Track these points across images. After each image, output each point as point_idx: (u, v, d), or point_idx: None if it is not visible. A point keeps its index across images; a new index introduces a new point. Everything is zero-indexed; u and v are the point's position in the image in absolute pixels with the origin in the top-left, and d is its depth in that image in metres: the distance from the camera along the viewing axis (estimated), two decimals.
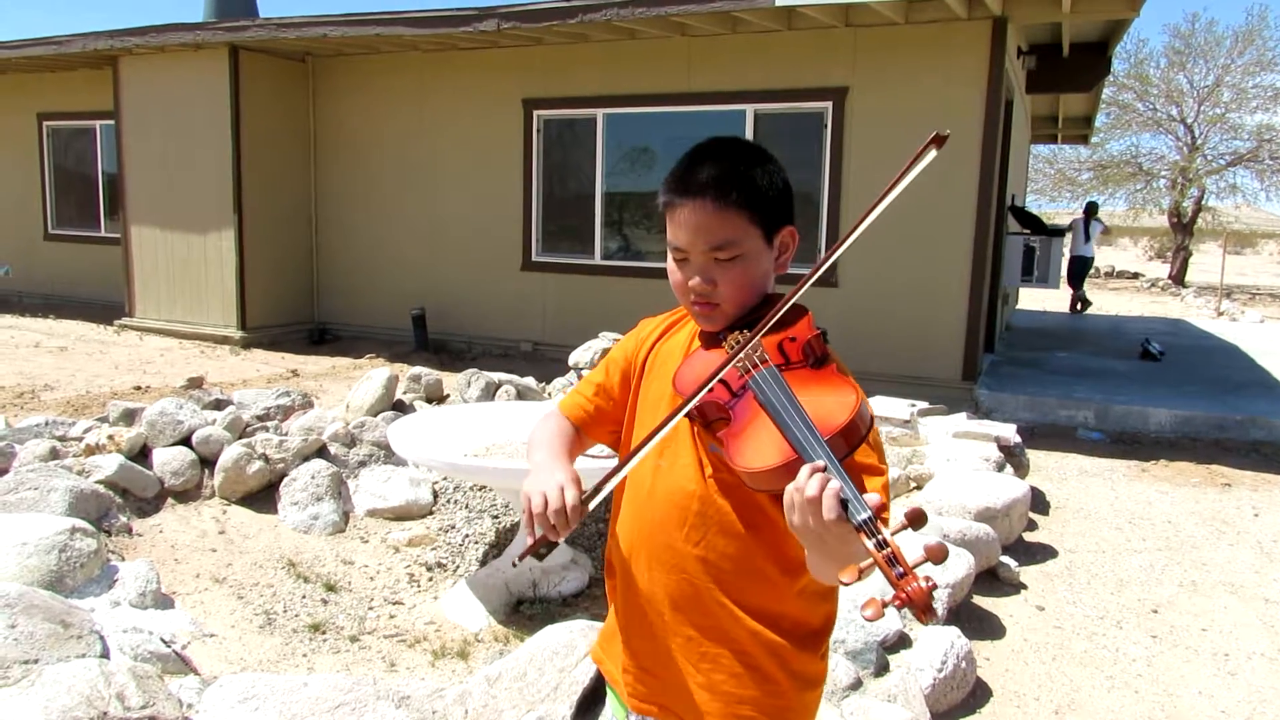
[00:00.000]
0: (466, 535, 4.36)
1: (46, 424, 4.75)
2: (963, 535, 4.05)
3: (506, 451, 3.97)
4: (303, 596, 3.79)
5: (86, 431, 4.68)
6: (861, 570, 1.06)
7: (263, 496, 4.54)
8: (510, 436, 4.10)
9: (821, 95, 7.79)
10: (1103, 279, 23.75)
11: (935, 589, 1.04)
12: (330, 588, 3.89)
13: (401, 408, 5.51)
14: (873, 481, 1.28)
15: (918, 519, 1.05)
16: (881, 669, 3.01)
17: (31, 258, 12.33)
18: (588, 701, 2.56)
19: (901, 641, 3.18)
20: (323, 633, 3.53)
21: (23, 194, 12.31)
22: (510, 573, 3.79)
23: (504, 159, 9.15)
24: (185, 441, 4.61)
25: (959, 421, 6.12)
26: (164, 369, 8.11)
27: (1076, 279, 15.32)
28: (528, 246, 9.18)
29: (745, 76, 8.04)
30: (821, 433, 1.18)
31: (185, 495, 4.46)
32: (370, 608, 3.78)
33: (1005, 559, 4.26)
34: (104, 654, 2.76)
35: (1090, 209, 15.56)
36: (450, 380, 6.21)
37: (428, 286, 9.63)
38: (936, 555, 1.05)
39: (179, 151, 9.72)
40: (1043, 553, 4.62)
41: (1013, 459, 5.53)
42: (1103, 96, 14.46)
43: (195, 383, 6.97)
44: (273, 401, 5.17)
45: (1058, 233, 10.99)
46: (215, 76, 9.35)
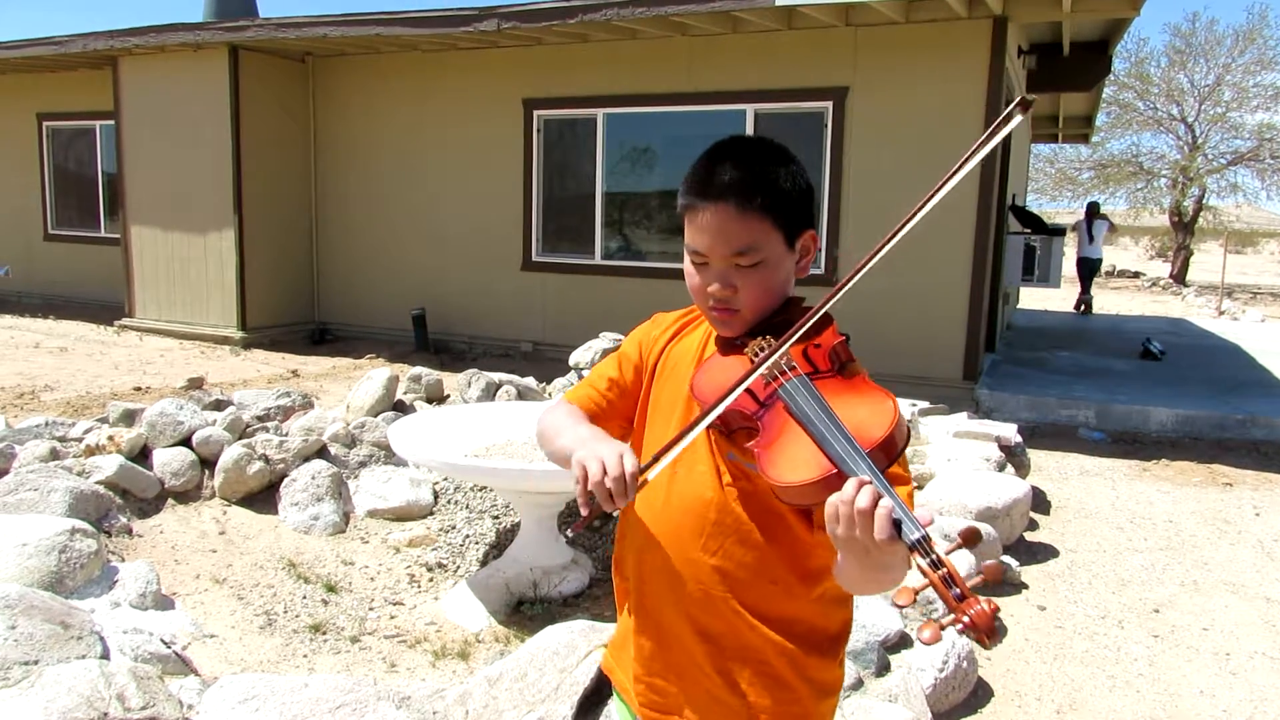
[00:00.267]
0: (467, 536, 4.36)
1: (46, 425, 4.75)
2: None
3: (507, 452, 3.96)
4: (303, 597, 3.78)
5: (86, 432, 4.68)
6: (916, 592, 1.02)
7: (263, 497, 4.54)
8: (510, 436, 4.10)
9: (822, 95, 7.79)
10: (1104, 278, 23.70)
11: (998, 611, 0.98)
12: (331, 588, 3.88)
13: (402, 408, 5.51)
14: (899, 490, 1.24)
15: (972, 538, 1.00)
16: (883, 669, 3.01)
17: (31, 258, 12.33)
18: (589, 702, 2.55)
19: (902, 641, 3.17)
20: (323, 633, 3.53)
21: (22, 194, 12.31)
22: (511, 573, 3.79)
23: (504, 159, 9.15)
24: (185, 442, 4.61)
25: (960, 421, 6.12)
26: (164, 369, 8.11)
27: (1084, 281, 15.11)
28: (528, 246, 9.18)
29: (745, 76, 8.03)
30: (861, 445, 1.12)
31: (185, 496, 4.46)
32: (371, 608, 3.78)
33: (1006, 559, 4.26)
34: (104, 655, 2.76)
35: (1091, 209, 15.32)
36: (450, 380, 6.21)
37: (428, 287, 9.63)
38: (994, 575, 1.00)
39: (179, 152, 9.72)
40: (1044, 552, 4.62)
41: (1013, 459, 5.52)
42: (1103, 96, 14.44)
43: (195, 383, 6.97)
44: (273, 402, 5.17)
45: (1058, 232, 10.96)
46: (215, 76, 9.35)
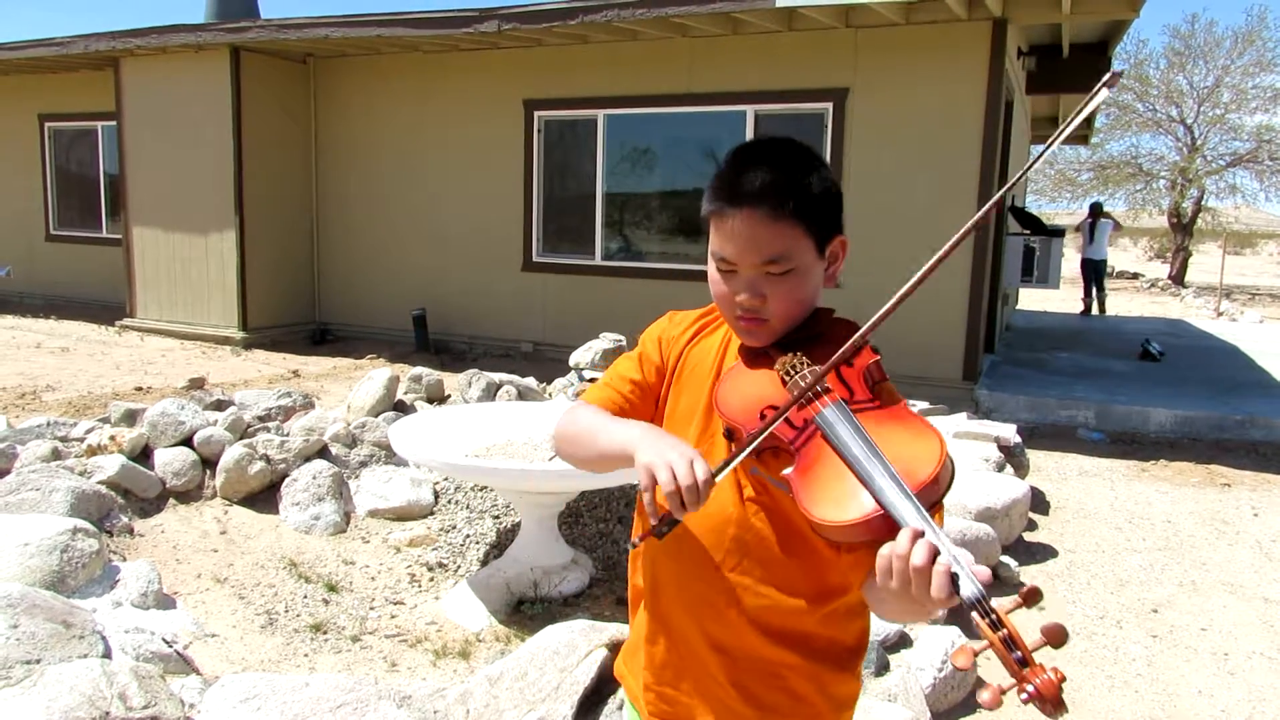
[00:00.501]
0: (467, 535, 4.37)
1: (48, 425, 4.76)
2: (963, 535, 4.06)
3: (507, 452, 3.97)
4: (304, 597, 3.79)
5: (88, 432, 4.69)
6: (977, 653, 0.97)
7: (264, 497, 4.55)
8: (511, 437, 4.11)
9: (822, 96, 7.80)
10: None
11: (1065, 681, 0.92)
12: (331, 588, 3.89)
13: (402, 408, 5.51)
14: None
15: (1033, 596, 0.95)
16: (882, 668, 3.02)
17: (33, 259, 12.34)
18: (589, 701, 2.56)
19: (902, 641, 3.19)
20: (324, 633, 3.54)
21: (24, 195, 12.33)
22: (511, 572, 3.80)
23: (505, 160, 9.16)
24: (187, 442, 4.62)
25: (959, 421, 6.13)
26: (165, 370, 8.12)
27: (1092, 282, 14.91)
28: (528, 247, 9.19)
29: (746, 77, 8.04)
30: (909, 486, 1.06)
31: (187, 496, 4.47)
32: (371, 608, 3.78)
33: (1005, 559, 4.27)
34: (106, 654, 2.77)
35: (1095, 210, 15.15)
36: (451, 381, 6.22)
37: (429, 287, 9.64)
38: (1056, 638, 0.95)
39: (180, 152, 9.73)
40: (1043, 553, 4.63)
41: (1013, 459, 5.53)
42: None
43: (196, 383, 6.98)
44: (274, 402, 5.18)
45: (1057, 233, 10.98)
46: (217, 77, 9.37)
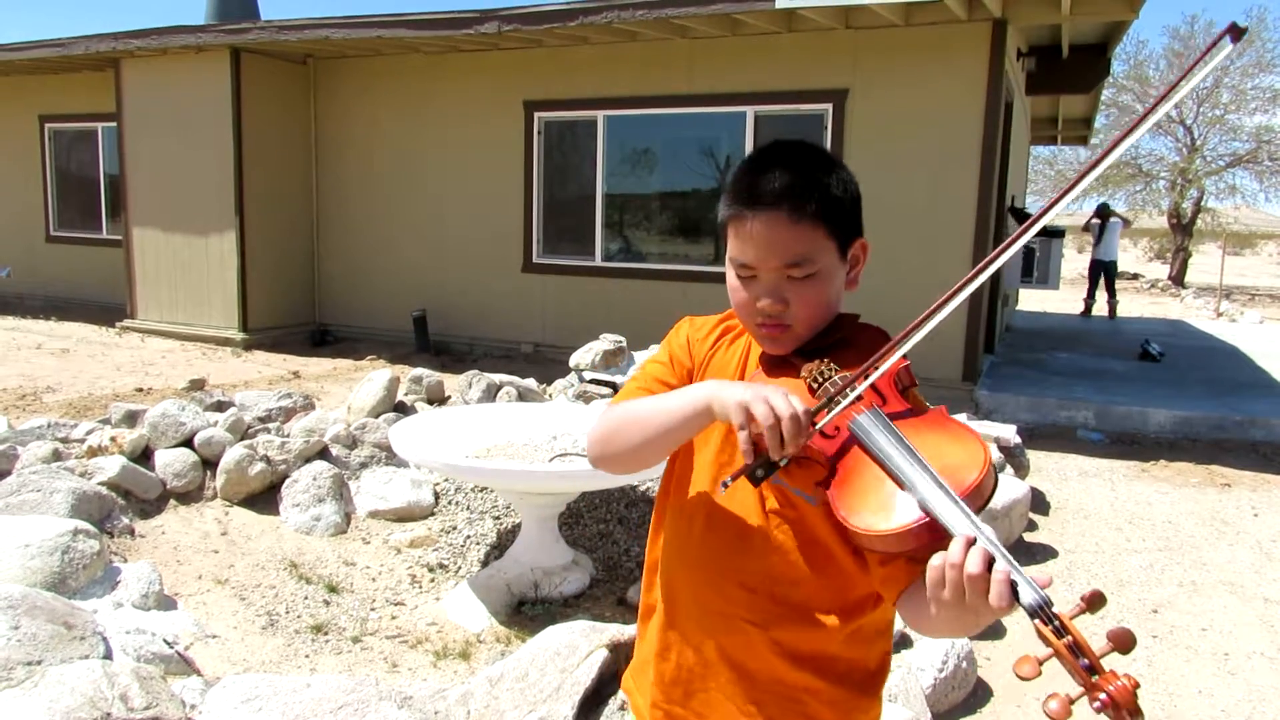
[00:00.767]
0: (468, 536, 4.37)
1: (49, 426, 4.76)
2: None
3: (508, 453, 3.98)
4: (305, 597, 3.80)
5: (89, 433, 4.69)
6: (1041, 662, 0.95)
7: (265, 498, 4.55)
8: (511, 438, 4.11)
9: (822, 97, 7.80)
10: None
11: (1138, 687, 0.88)
12: (332, 589, 3.90)
13: (403, 409, 5.52)
14: None
15: (1096, 601, 0.92)
16: None
17: (33, 259, 12.35)
18: (590, 702, 2.57)
19: (902, 641, 3.19)
20: (325, 634, 3.54)
21: (24, 196, 12.33)
22: (512, 573, 3.80)
23: (505, 161, 9.17)
24: (187, 443, 4.63)
25: None
26: (166, 371, 8.13)
27: (1105, 284, 14.61)
28: (529, 248, 9.20)
29: (746, 78, 8.05)
30: (956, 491, 1.03)
31: (187, 497, 4.47)
32: (372, 609, 3.79)
33: None
34: (107, 655, 2.77)
35: (1102, 211, 14.80)
36: (451, 382, 6.22)
37: (429, 288, 9.65)
38: (1124, 643, 0.91)
39: (181, 153, 9.74)
40: (1043, 553, 4.63)
41: (1013, 460, 5.54)
42: (1102, 98, 14.45)
43: (197, 384, 6.99)
44: (274, 403, 5.18)
45: (1057, 234, 10.99)
46: (217, 79, 9.37)
